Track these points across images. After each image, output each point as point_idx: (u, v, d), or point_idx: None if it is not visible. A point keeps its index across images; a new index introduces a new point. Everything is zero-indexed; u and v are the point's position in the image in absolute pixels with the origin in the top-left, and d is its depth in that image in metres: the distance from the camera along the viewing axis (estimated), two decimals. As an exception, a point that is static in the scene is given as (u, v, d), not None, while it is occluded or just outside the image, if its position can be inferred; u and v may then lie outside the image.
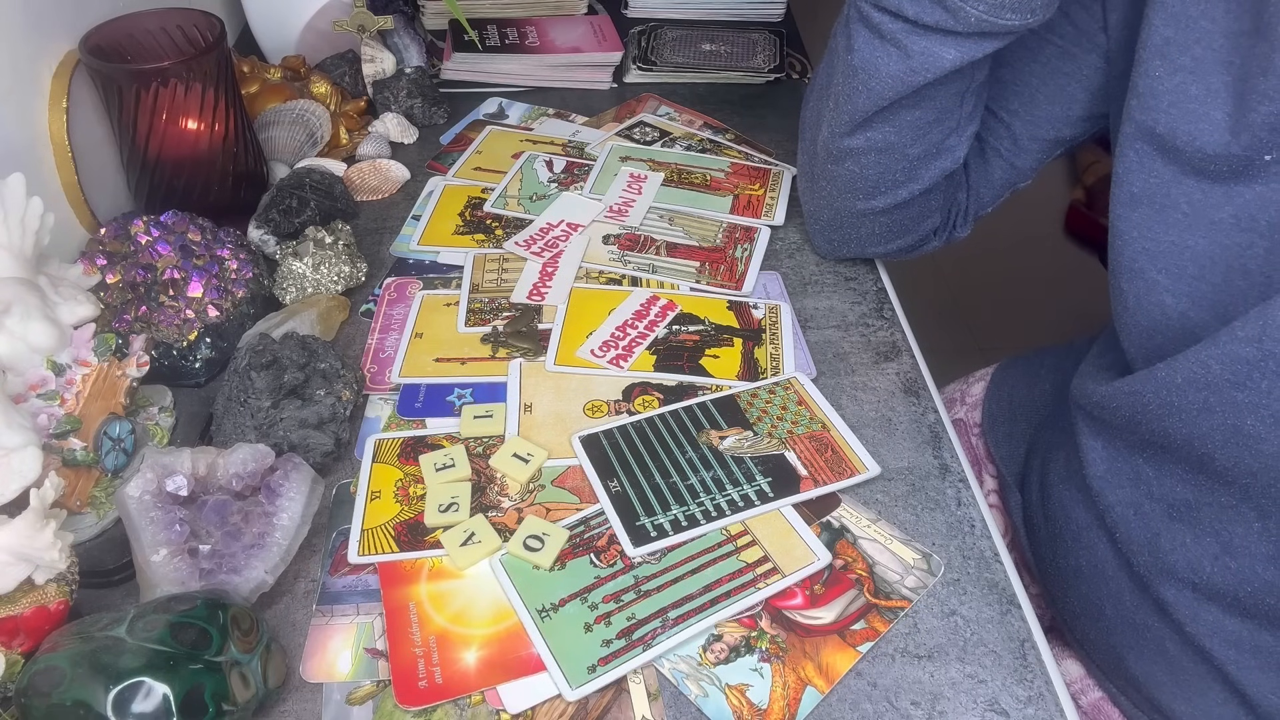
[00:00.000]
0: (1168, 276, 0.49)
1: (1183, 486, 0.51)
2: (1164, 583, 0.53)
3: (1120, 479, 0.55)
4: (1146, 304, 0.50)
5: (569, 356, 0.65)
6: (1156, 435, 0.51)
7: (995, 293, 2.08)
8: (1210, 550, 0.50)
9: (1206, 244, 0.48)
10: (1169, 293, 0.49)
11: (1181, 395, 0.47)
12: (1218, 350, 0.45)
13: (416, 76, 0.92)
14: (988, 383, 0.81)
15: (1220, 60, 0.47)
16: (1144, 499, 0.54)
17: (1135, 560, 0.54)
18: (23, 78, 0.68)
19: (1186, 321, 0.49)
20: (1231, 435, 0.46)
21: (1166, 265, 0.49)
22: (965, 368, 0.90)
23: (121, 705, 0.40)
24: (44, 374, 0.53)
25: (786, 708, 0.47)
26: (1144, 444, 0.53)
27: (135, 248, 0.65)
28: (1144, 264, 0.50)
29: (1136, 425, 0.52)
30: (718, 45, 1.04)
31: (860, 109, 0.59)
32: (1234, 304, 0.47)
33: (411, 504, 0.56)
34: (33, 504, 0.45)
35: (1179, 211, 0.48)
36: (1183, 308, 0.49)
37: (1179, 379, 0.47)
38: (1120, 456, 0.55)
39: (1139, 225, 0.50)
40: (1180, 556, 0.52)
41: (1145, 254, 0.50)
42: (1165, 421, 0.49)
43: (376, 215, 0.81)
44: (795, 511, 0.55)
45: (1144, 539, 0.54)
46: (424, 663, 0.48)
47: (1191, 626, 0.52)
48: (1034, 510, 0.66)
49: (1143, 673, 0.57)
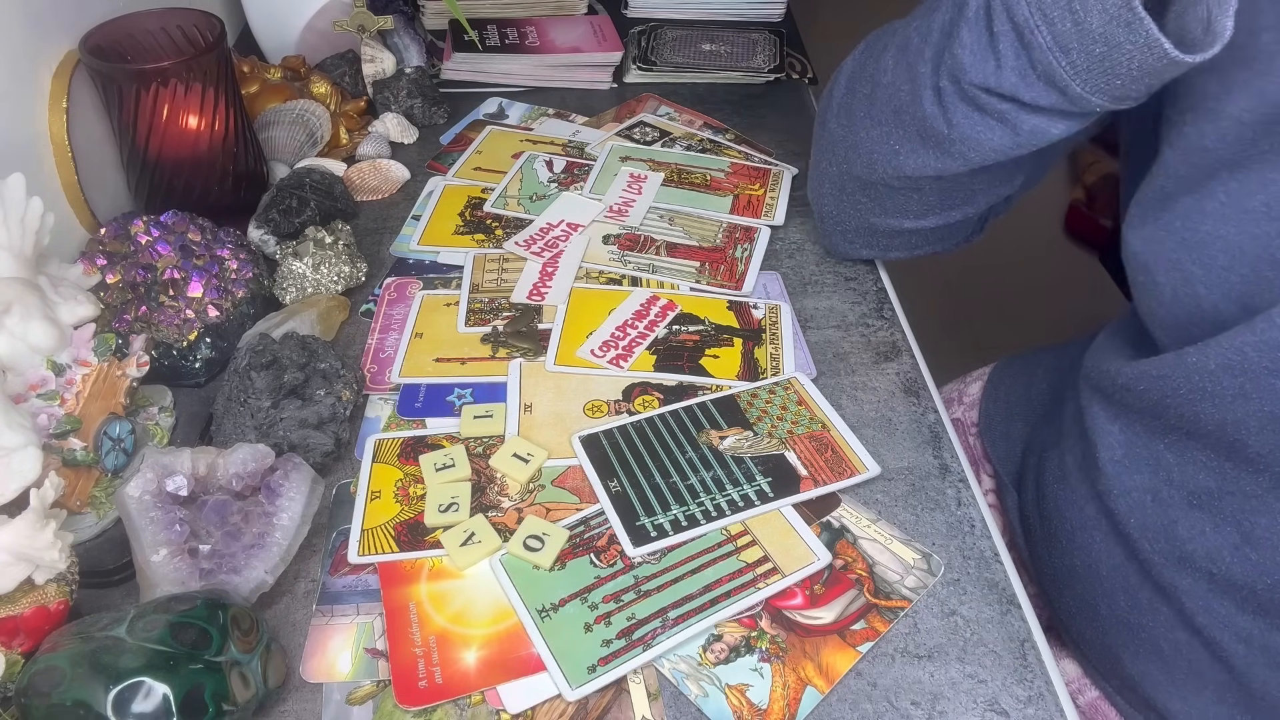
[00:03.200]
0: (1201, 268, 0.48)
1: (1205, 474, 0.51)
2: (1178, 572, 0.53)
3: (1138, 464, 0.54)
4: (1182, 296, 0.49)
5: (569, 356, 0.65)
6: (1184, 420, 0.50)
7: (995, 293, 2.08)
8: (1231, 540, 0.50)
9: (1236, 234, 0.47)
10: (1203, 284, 0.48)
11: (1215, 380, 0.47)
12: (1254, 337, 0.44)
13: (416, 76, 0.92)
14: (985, 382, 0.81)
15: (1241, 58, 0.47)
16: (1162, 485, 0.53)
17: (1148, 548, 0.54)
18: (23, 78, 0.68)
19: (1218, 314, 0.48)
20: (1268, 422, 0.45)
21: (1200, 257, 0.48)
22: (965, 368, 0.90)
23: (121, 705, 0.40)
24: (44, 374, 0.53)
25: (786, 708, 0.47)
26: (1167, 429, 0.52)
27: (135, 248, 0.65)
28: (1181, 255, 0.49)
29: (1163, 409, 0.51)
30: (718, 45, 1.04)
31: (948, 168, 0.57)
32: (1261, 295, 0.47)
33: (411, 504, 0.56)
34: (33, 504, 0.45)
35: (1216, 200, 0.48)
36: (1215, 299, 0.48)
37: (1212, 364, 0.47)
38: (1139, 441, 0.54)
39: (1181, 215, 0.49)
40: (1198, 545, 0.51)
41: (1184, 245, 0.49)
42: (1196, 406, 0.49)
43: (376, 215, 0.81)
44: (795, 511, 0.55)
45: (1160, 526, 0.53)
46: (424, 663, 0.48)
47: (1203, 618, 0.52)
48: (1030, 510, 0.66)
49: (1138, 671, 0.57)
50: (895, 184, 0.62)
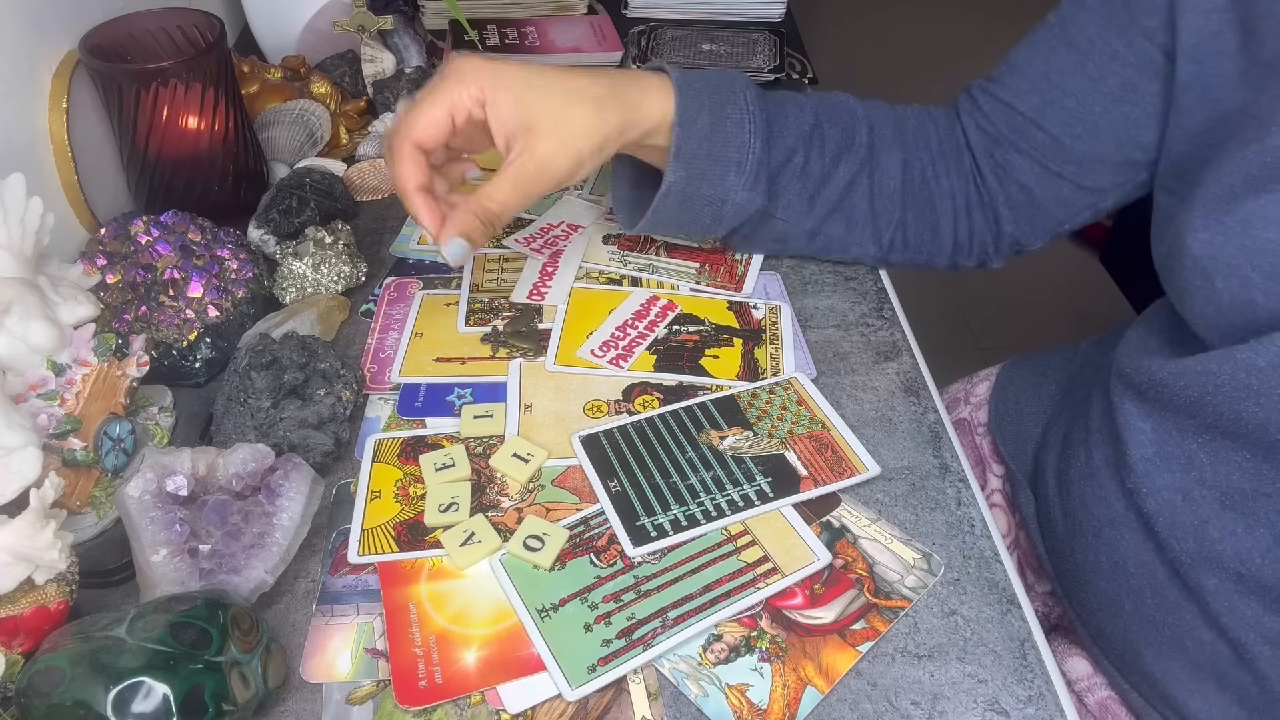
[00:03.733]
0: (1261, 275, 0.48)
1: (1240, 474, 0.51)
2: (1206, 572, 0.52)
3: (1170, 463, 0.54)
4: (1240, 302, 0.49)
5: (569, 356, 0.65)
6: (1225, 418, 0.50)
7: (995, 292, 2.08)
8: (1263, 542, 0.50)
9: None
10: (1261, 291, 0.48)
11: (1263, 378, 0.46)
12: None
13: (416, 76, 0.92)
14: (993, 382, 0.81)
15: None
16: (1194, 485, 0.53)
17: (1177, 547, 0.53)
18: (23, 78, 0.68)
19: (1274, 321, 0.48)
20: None
21: (1261, 263, 0.48)
22: (965, 368, 0.90)
23: (121, 705, 0.40)
24: (44, 374, 0.53)
25: (786, 707, 0.47)
26: (1203, 427, 0.52)
27: (135, 248, 0.65)
28: (1242, 261, 0.49)
29: (1202, 407, 0.51)
30: (718, 45, 1.04)
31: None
32: None
33: (411, 504, 0.56)
34: (33, 504, 0.45)
35: (1276, 206, 0.48)
36: (1273, 307, 0.48)
37: (1261, 362, 0.46)
38: (1171, 440, 0.54)
39: (1244, 220, 0.49)
40: (1229, 546, 0.51)
41: (1244, 251, 0.49)
42: (1240, 404, 0.48)
43: (376, 215, 0.81)
44: (795, 511, 0.55)
45: (1190, 526, 0.53)
46: (424, 663, 0.48)
47: (1229, 619, 0.52)
48: (1050, 506, 0.66)
49: (1159, 669, 0.57)
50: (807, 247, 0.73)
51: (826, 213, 0.68)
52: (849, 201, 0.68)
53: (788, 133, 0.65)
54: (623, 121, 0.59)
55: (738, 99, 0.63)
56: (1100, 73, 0.61)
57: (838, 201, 0.68)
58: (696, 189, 0.63)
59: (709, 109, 0.62)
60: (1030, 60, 0.65)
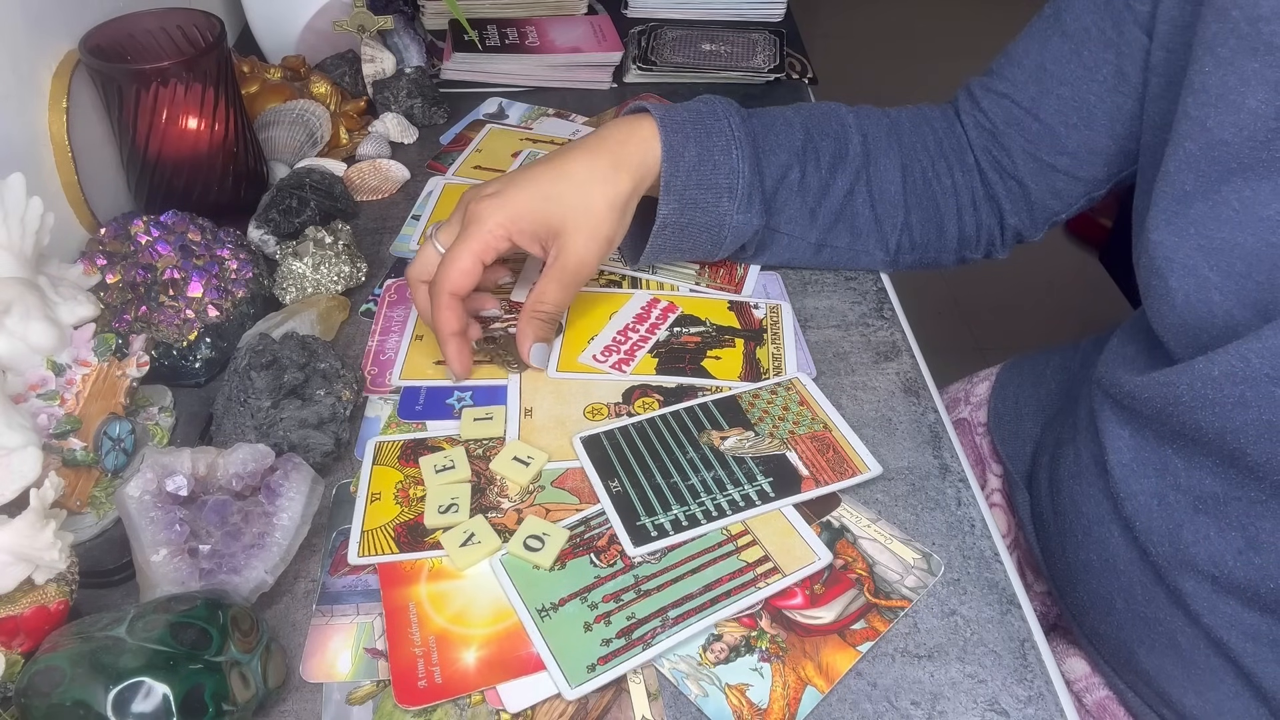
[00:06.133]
0: (1218, 274, 0.49)
1: (1211, 479, 0.51)
2: (1183, 574, 0.53)
3: (1146, 469, 0.55)
4: (1195, 302, 0.49)
5: (571, 362, 0.65)
6: (1187, 428, 0.50)
7: (995, 292, 2.08)
8: (1235, 544, 0.50)
9: (1254, 241, 0.47)
10: (1218, 290, 0.48)
11: (1217, 389, 0.47)
12: (1260, 344, 0.45)
13: (416, 76, 0.92)
14: (993, 382, 0.81)
15: (1248, 48, 0.47)
16: (1169, 490, 0.53)
17: (1154, 551, 0.54)
18: (23, 78, 0.68)
19: (1231, 320, 0.48)
20: (1265, 431, 0.46)
21: (1218, 262, 0.49)
22: (965, 368, 0.90)
23: (121, 705, 0.40)
24: (44, 374, 0.53)
25: (786, 707, 0.47)
26: (1174, 435, 0.52)
27: (135, 248, 0.65)
28: (1198, 261, 0.49)
29: (1167, 417, 0.51)
30: (718, 45, 1.04)
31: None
32: (1276, 302, 0.47)
33: (411, 505, 0.56)
34: (33, 504, 0.45)
35: (1230, 208, 0.48)
36: (1229, 305, 0.48)
37: (1216, 372, 0.47)
38: (1148, 446, 0.55)
39: (1197, 221, 0.50)
40: (1203, 549, 0.52)
41: (1200, 250, 0.49)
42: (1197, 414, 0.49)
43: (376, 215, 0.81)
44: (795, 511, 0.55)
45: (1165, 530, 0.53)
46: (424, 662, 0.48)
47: (1209, 619, 0.52)
48: (1043, 506, 0.66)
49: (1153, 666, 0.57)
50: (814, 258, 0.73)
51: (830, 224, 0.69)
52: (851, 210, 0.69)
53: (779, 150, 0.66)
54: (634, 184, 0.62)
55: (722, 125, 0.64)
56: (1095, 60, 0.61)
57: (839, 211, 0.68)
58: (691, 218, 0.65)
59: (694, 140, 0.63)
60: (1027, 51, 0.65)
